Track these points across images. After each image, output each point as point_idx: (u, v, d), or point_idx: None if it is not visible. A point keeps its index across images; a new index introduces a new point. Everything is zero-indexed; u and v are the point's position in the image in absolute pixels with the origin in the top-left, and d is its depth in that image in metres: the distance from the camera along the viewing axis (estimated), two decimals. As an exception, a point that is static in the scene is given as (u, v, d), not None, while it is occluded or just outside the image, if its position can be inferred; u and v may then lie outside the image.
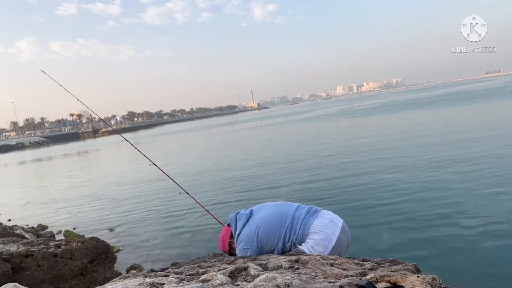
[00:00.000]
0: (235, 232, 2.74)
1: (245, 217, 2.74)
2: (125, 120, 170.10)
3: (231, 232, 2.81)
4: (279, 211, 2.63)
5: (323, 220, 2.49)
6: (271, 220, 2.61)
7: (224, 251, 2.91)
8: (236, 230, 2.72)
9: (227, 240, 2.86)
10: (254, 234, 2.59)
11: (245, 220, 2.72)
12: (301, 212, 2.57)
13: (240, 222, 2.73)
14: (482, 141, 11.59)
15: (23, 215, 10.46)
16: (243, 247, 2.62)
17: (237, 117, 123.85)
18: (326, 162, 11.82)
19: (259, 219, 2.65)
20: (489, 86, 64.84)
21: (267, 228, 2.58)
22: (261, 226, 2.60)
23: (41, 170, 27.86)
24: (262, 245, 2.58)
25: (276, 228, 2.55)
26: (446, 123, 19.41)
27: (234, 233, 2.75)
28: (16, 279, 3.14)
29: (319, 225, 2.46)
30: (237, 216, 2.78)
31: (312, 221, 2.48)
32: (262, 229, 2.59)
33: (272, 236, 2.56)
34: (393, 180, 8.19)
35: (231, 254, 2.87)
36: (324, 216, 2.53)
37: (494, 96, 37.05)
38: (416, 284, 1.42)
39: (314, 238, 2.44)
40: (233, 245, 2.81)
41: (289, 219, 2.55)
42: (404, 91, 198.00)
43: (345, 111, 51.30)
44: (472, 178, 7.50)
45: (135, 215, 8.59)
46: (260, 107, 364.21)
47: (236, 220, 2.77)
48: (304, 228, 2.48)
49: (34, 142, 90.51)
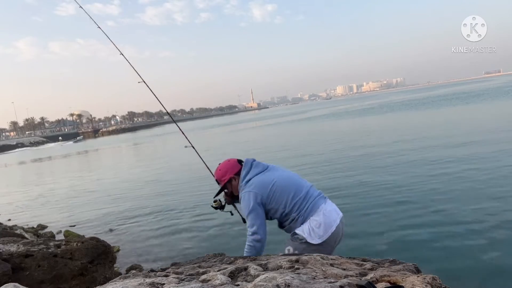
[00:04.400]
0: (245, 176, 2.68)
1: (262, 167, 2.72)
2: (125, 120, 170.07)
3: (240, 171, 2.75)
4: (297, 180, 2.68)
5: (329, 206, 2.59)
6: (289, 183, 2.62)
7: (219, 180, 2.82)
8: (248, 175, 2.67)
9: (231, 173, 2.76)
10: (269, 185, 2.57)
11: (261, 170, 2.69)
12: (314, 191, 2.65)
13: (255, 169, 2.69)
14: (486, 142, 11.59)
15: (23, 215, 10.46)
16: (253, 190, 2.56)
17: (237, 117, 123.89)
18: (324, 161, 11.82)
19: (276, 176, 2.64)
20: (490, 86, 64.86)
21: (282, 187, 2.57)
22: (277, 182, 2.59)
23: (41, 170, 27.86)
24: (271, 200, 2.56)
25: (290, 192, 2.56)
26: (454, 123, 19.42)
27: (244, 176, 2.69)
28: (16, 279, 3.14)
29: (326, 209, 2.55)
30: (253, 163, 2.74)
31: (321, 203, 2.58)
32: (277, 185, 2.57)
33: (285, 197, 2.55)
34: (394, 180, 8.18)
35: (224, 188, 2.82)
36: (330, 204, 2.64)
37: (500, 95, 37.03)
38: (416, 284, 1.42)
39: (317, 220, 2.50)
40: (234, 182, 2.75)
41: (304, 192, 2.59)
42: (404, 91, 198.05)
43: (346, 110, 51.34)
44: (473, 178, 7.50)
45: (135, 215, 8.59)
46: (260, 107, 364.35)
47: (252, 165, 2.73)
48: (313, 207, 2.54)
49: (34, 142, 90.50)
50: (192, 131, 49.86)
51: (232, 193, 2.80)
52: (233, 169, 2.76)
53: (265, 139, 25.72)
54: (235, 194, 2.79)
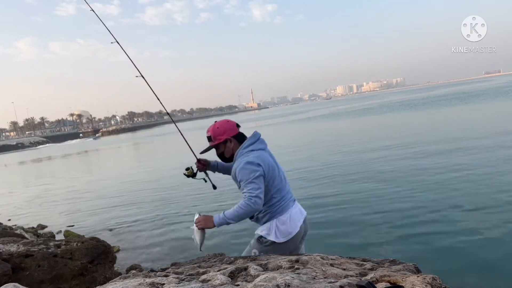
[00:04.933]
0: (250, 145, 2.56)
1: (265, 145, 2.66)
2: (125, 120, 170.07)
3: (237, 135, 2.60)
4: (284, 179, 2.66)
5: (295, 208, 2.62)
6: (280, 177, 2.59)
7: (213, 137, 2.61)
8: (253, 145, 2.57)
9: (228, 134, 2.59)
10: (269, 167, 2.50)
11: (264, 148, 2.64)
12: (290, 194, 2.66)
13: (260, 144, 2.61)
14: (486, 142, 11.59)
15: (23, 215, 10.46)
16: (261, 162, 2.45)
17: (237, 117, 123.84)
18: (324, 160, 11.81)
19: (274, 164, 2.60)
20: (490, 86, 64.85)
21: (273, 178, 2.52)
22: (272, 169, 2.54)
23: (41, 170, 27.86)
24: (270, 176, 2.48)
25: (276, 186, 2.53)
26: (454, 123, 19.42)
27: (248, 144, 2.57)
28: (16, 279, 3.14)
29: (293, 211, 2.57)
30: (260, 138, 2.65)
31: (291, 206, 2.59)
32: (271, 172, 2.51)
33: (271, 188, 2.51)
34: (394, 180, 8.18)
35: (217, 147, 2.63)
36: (297, 205, 2.66)
37: (499, 95, 37.05)
38: (416, 284, 1.42)
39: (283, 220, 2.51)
40: (229, 144, 2.60)
41: (284, 192, 2.60)
42: (404, 91, 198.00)
43: (346, 111, 51.33)
44: (474, 178, 7.50)
45: (135, 215, 8.59)
46: (260, 107, 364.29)
47: (259, 140, 2.63)
48: (284, 208, 2.54)
49: (34, 142, 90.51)
50: (189, 131, 49.85)
51: (222, 154, 2.68)
52: (231, 130, 2.62)
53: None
54: (226, 156, 2.67)
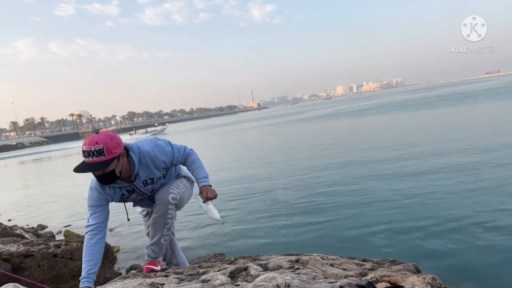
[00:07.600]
0: (140, 145, 2.54)
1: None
2: (125, 120, 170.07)
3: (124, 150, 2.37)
4: None
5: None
6: None
7: (106, 149, 2.18)
8: (140, 144, 2.59)
9: (121, 147, 2.32)
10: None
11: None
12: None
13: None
14: (487, 142, 11.58)
15: (23, 215, 10.45)
16: (163, 139, 2.77)
17: (237, 117, 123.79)
18: (318, 159, 11.81)
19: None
20: (490, 86, 64.82)
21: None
22: None
23: (41, 170, 27.85)
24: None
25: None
26: (454, 122, 19.41)
27: (136, 146, 2.51)
28: (16, 279, 3.14)
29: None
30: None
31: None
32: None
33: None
34: (394, 180, 8.18)
35: (108, 164, 2.24)
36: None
37: (499, 95, 37.05)
38: (416, 284, 1.42)
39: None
40: (122, 160, 2.36)
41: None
42: (404, 91, 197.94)
43: (345, 111, 51.33)
44: (474, 178, 7.50)
45: (135, 215, 8.58)
46: (260, 107, 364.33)
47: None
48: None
49: (34, 142, 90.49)
50: (189, 131, 49.66)
51: (111, 173, 2.30)
52: (121, 142, 2.34)
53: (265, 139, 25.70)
54: (117, 175, 2.34)
